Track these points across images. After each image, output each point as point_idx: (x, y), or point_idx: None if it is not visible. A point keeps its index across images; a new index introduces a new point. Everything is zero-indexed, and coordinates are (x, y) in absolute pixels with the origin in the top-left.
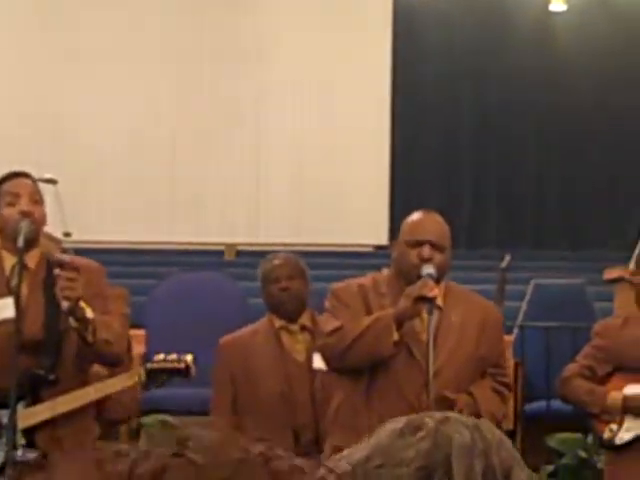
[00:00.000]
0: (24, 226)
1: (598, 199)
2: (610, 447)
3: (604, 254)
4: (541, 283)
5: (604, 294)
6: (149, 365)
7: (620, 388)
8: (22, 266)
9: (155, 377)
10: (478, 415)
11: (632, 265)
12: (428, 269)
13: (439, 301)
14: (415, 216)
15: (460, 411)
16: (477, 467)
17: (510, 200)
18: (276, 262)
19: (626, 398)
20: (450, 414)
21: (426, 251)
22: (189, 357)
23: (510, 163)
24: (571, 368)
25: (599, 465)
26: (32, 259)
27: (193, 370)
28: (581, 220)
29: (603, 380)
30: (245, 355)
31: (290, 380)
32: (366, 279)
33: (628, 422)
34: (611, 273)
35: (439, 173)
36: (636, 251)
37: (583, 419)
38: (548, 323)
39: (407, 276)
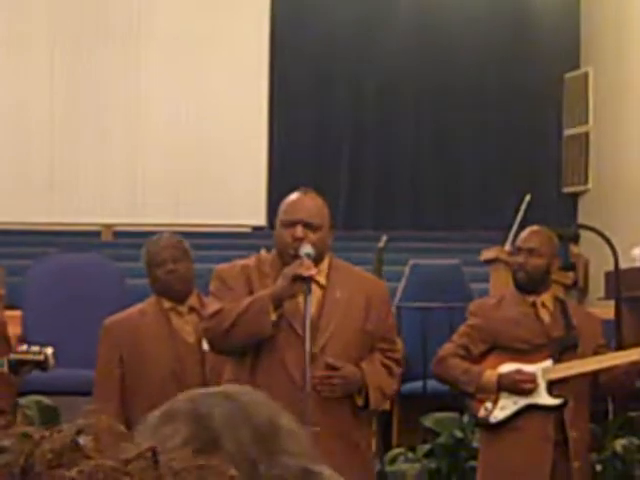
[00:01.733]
0: None
1: (474, 180)
2: (485, 426)
3: (481, 235)
4: (418, 264)
5: (480, 275)
6: (12, 355)
7: (495, 367)
8: None
9: (17, 367)
10: (365, 387)
11: (508, 246)
12: (305, 248)
13: (322, 279)
14: (291, 197)
15: (344, 377)
16: (243, 432)
17: (387, 181)
18: (161, 244)
19: (501, 377)
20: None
21: (299, 231)
22: (49, 350)
23: (387, 145)
24: (446, 348)
25: (474, 444)
26: None
27: (52, 363)
28: (458, 201)
29: (478, 359)
30: (133, 336)
31: (180, 361)
32: (250, 260)
33: (503, 401)
34: (487, 254)
35: (316, 154)
36: (512, 232)
37: (459, 399)
38: (425, 303)
39: (284, 256)
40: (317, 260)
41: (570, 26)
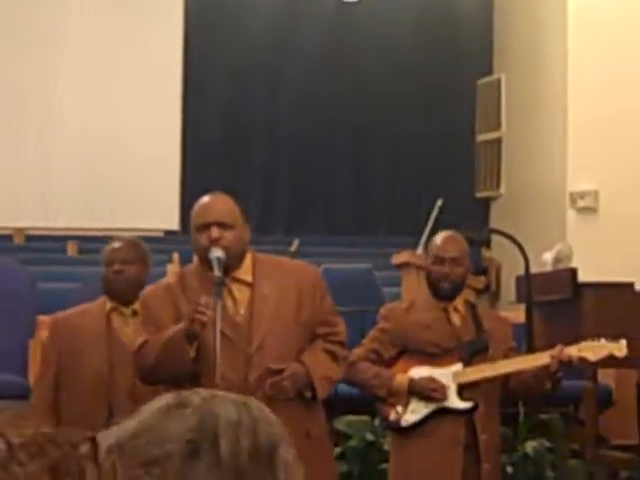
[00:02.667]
0: None
1: (387, 184)
2: (396, 429)
3: (393, 240)
4: (330, 268)
5: (392, 279)
6: None
7: (406, 371)
8: None
9: None
10: (311, 381)
11: (420, 250)
12: (216, 252)
13: (248, 277)
14: (200, 201)
15: (287, 381)
16: (243, 443)
17: (300, 186)
18: (114, 245)
19: (411, 380)
20: (217, 392)
21: (214, 232)
22: None
23: (300, 149)
24: (357, 352)
25: (386, 447)
26: None
27: None
28: (371, 206)
29: (390, 363)
30: (73, 333)
31: (112, 362)
32: (173, 277)
33: (413, 404)
34: (399, 258)
35: (230, 158)
36: (423, 236)
37: (370, 402)
38: (336, 308)
39: (202, 260)
40: (238, 258)
41: (483, 33)
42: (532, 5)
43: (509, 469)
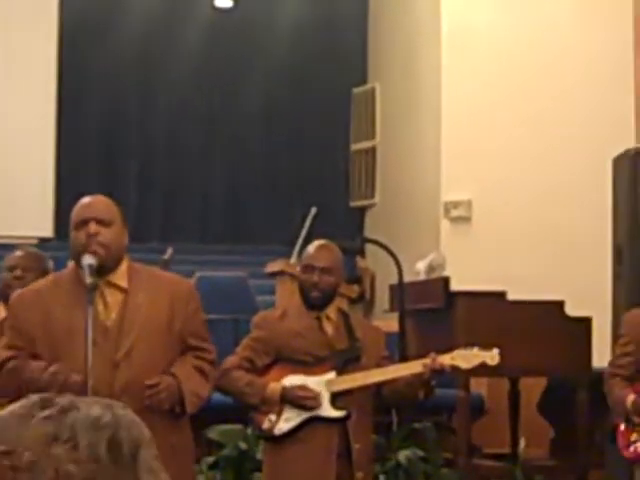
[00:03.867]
0: None
1: (263, 193)
2: (269, 437)
3: (268, 248)
4: (205, 276)
5: (267, 287)
6: None
7: (279, 379)
8: None
9: None
10: (181, 395)
11: (293, 258)
12: (88, 259)
13: (123, 282)
14: (80, 201)
15: (163, 393)
16: (102, 440)
17: (174, 194)
18: (17, 253)
19: (284, 389)
20: (84, 397)
21: (92, 227)
22: None
23: (175, 158)
24: (231, 360)
25: (258, 455)
26: None
27: None
28: (245, 214)
29: (263, 371)
30: None
31: None
32: (46, 280)
33: (287, 413)
34: (273, 266)
35: (104, 166)
36: (297, 245)
37: (243, 410)
38: (211, 315)
39: (76, 259)
40: (114, 260)
41: (358, 42)
42: (406, 15)
43: (382, 478)
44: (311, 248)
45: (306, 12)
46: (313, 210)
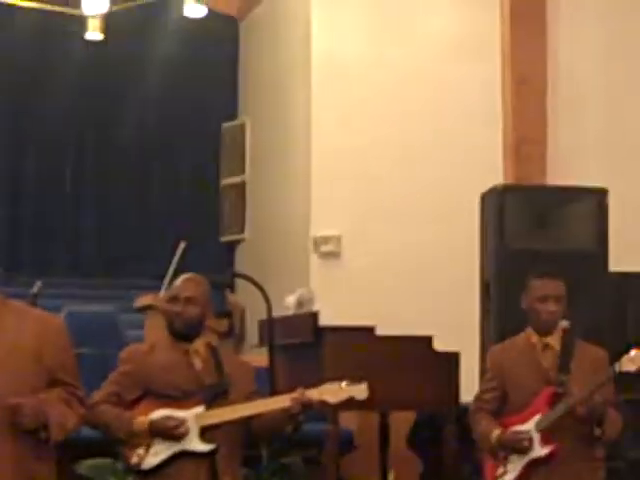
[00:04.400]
0: None
1: (133, 227)
2: (138, 472)
3: (139, 282)
4: (73, 311)
5: (137, 321)
6: None
7: (147, 413)
8: None
9: None
10: (47, 420)
11: (162, 292)
12: None
13: None
14: None
15: (28, 409)
16: None
17: (44, 226)
18: None
19: (152, 423)
20: None
21: None
22: None
23: (45, 189)
24: (98, 394)
25: None
26: None
27: None
28: (116, 248)
29: (131, 405)
30: None
31: None
32: None
33: (155, 447)
34: (142, 300)
35: None
36: (166, 279)
37: (112, 445)
38: (79, 350)
39: None
40: None
41: (228, 77)
42: (276, 50)
43: None
44: (178, 281)
45: (176, 46)
46: (182, 244)
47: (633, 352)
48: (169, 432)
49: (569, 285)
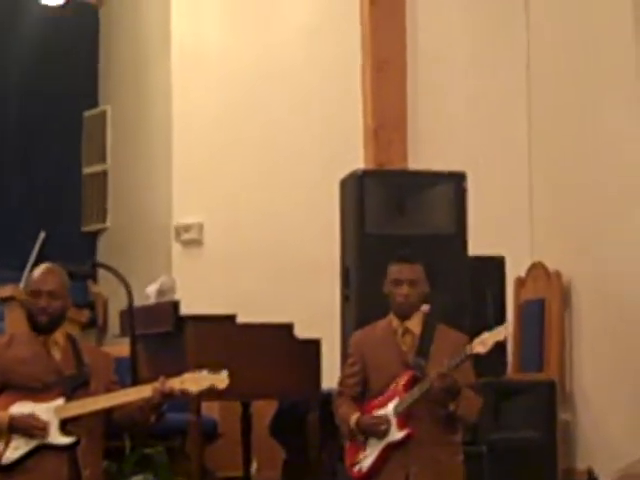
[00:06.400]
0: None
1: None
2: None
3: None
4: None
5: None
6: None
7: (8, 407)
8: None
9: None
10: None
11: (22, 284)
12: None
13: None
14: None
15: None
16: None
17: None
18: None
19: (12, 418)
20: None
21: None
22: None
23: None
24: None
25: None
26: None
27: None
28: None
29: None
30: None
31: None
32: None
33: (15, 441)
34: (2, 292)
35: None
36: (26, 270)
37: None
38: None
39: None
40: None
41: (88, 64)
42: (136, 37)
43: None
44: (36, 272)
45: (35, 35)
46: (42, 234)
47: (485, 334)
48: (29, 431)
49: (429, 269)
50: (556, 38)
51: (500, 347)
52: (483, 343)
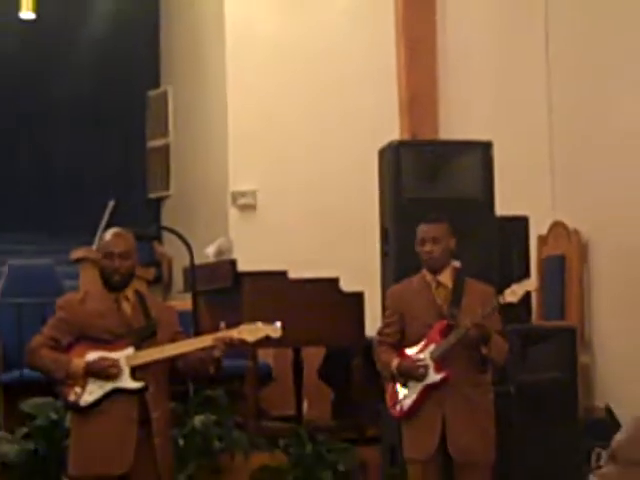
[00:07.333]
0: None
1: (68, 188)
2: (76, 409)
3: (73, 237)
4: (14, 264)
5: (72, 272)
6: None
7: (82, 355)
8: None
9: None
10: None
11: (95, 246)
12: None
13: None
14: None
15: None
16: None
17: None
18: None
19: (87, 364)
20: None
21: None
22: None
23: None
24: (37, 339)
25: (67, 424)
26: None
27: None
28: (52, 206)
29: (67, 349)
30: None
31: None
32: None
33: (90, 386)
34: (76, 253)
35: None
36: (98, 233)
37: (53, 385)
38: (19, 299)
39: None
40: None
41: (151, 50)
42: (192, 23)
43: (181, 441)
44: (108, 236)
45: (104, 24)
46: (111, 202)
47: (514, 286)
48: (104, 372)
49: (460, 230)
50: (573, 22)
51: (526, 298)
52: (514, 293)
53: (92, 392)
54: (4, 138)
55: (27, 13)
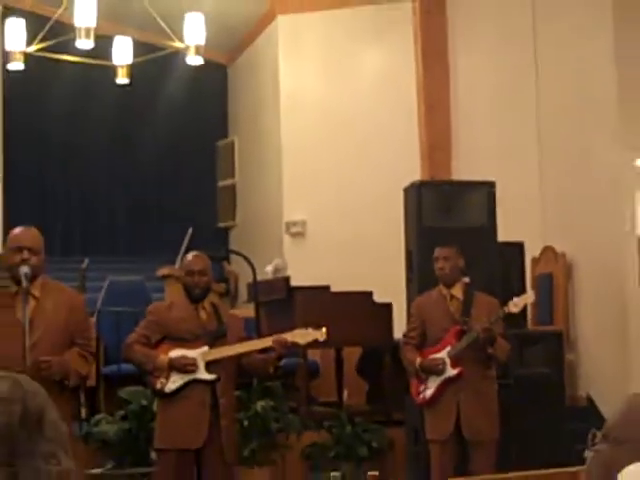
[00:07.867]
0: None
1: (154, 219)
2: (161, 395)
3: (159, 258)
4: (113, 280)
5: (158, 287)
6: None
7: (167, 352)
8: None
9: None
10: (68, 371)
11: (177, 264)
12: (24, 269)
13: (37, 292)
14: (16, 230)
15: (55, 364)
16: (16, 411)
17: (90, 221)
18: None
19: (171, 359)
20: None
21: (25, 254)
22: None
23: (86, 187)
24: (132, 336)
25: (154, 409)
26: None
27: None
28: (142, 234)
29: (155, 346)
30: None
31: None
32: None
33: (173, 377)
34: (162, 271)
35: (33, 196)
36: (180, 255)
37: (143, 376)
38: (118, 308)
39: (14, 274)
40: (34, 276)
41: (220, 107)
42: (254, 89)
43: (245, 423)
44: (189, 257)
45: (182, 87)
46: (190, 230)
47: (515, 299)
48: (183, 368)
49: (469, 253)
50: (559, 90)
51: (523, 308)
52: (516, 305)
53: (174, 382)
54: (103, 183)
55: (122, 80)
